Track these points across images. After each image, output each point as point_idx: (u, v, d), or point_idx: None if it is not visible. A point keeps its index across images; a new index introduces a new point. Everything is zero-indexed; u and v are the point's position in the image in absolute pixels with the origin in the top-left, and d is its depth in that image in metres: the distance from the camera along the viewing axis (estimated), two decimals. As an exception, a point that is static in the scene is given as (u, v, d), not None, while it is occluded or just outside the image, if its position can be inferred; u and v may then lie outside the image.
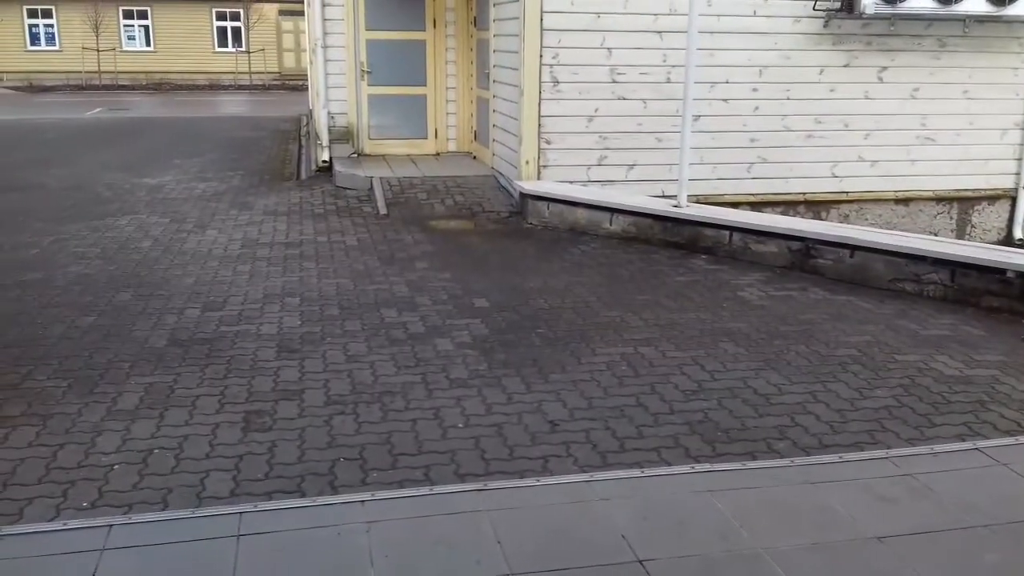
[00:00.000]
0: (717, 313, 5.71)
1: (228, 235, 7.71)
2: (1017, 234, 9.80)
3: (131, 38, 32.01)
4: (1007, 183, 9.67)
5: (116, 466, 3.49)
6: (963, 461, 3.64)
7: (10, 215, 8.42)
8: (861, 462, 3.61)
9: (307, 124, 14.64)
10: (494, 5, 9.43)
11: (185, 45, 31.76)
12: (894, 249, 6.34)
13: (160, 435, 3.78)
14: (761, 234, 7.03)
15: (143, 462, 3.53)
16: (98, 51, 29.48)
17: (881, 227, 8.98)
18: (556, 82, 8.37)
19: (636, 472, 3.50)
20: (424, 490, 3.32)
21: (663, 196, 8.25)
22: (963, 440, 3.88)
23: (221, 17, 32.56)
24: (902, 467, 3.54)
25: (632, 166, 8.68)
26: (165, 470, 3.47)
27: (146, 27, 32.07)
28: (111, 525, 3.00)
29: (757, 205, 8.89)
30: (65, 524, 3.03)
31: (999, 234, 9.82)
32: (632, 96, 8.49)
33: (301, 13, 24.50)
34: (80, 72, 29.66)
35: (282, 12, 32.52)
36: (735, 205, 8.59)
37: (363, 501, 3.19)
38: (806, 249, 6.77)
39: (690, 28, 7.14)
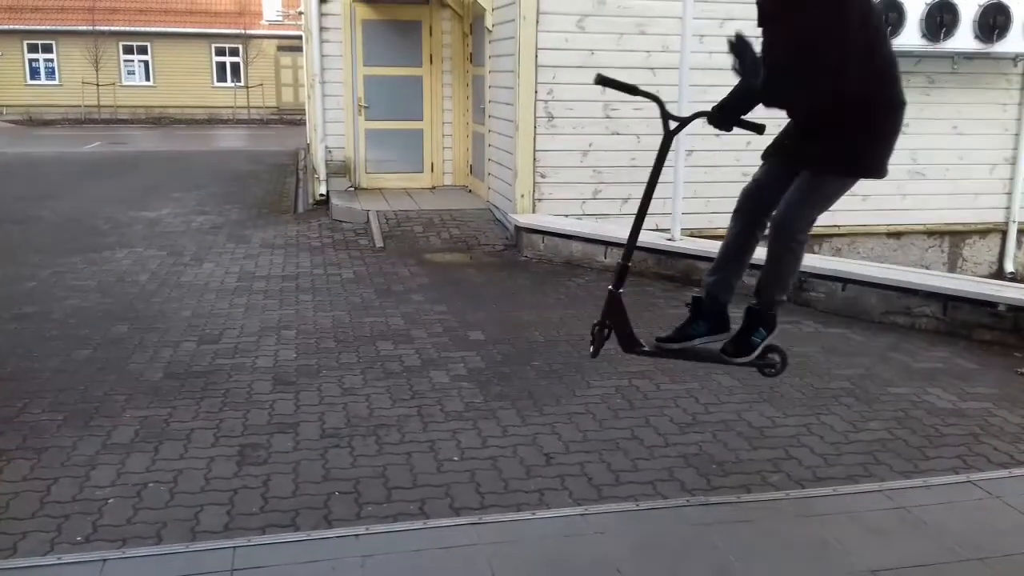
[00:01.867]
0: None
1: (225, 268, 7.74)
2: (1008, 267, 9.87)
3: (131, 73, 32.28)
4: (997, 217, 9.77)
5: (110, 500, 3.49)
6: (957, 494, 3.64)
7: (8, 248, 8.45)
8: (855, 495, 3.62)
9: (305, 158, 14.74)
10: (490, 42, 9.57)
11: (184, 80, 32.02)
12: (886, 282, 6.39)
13: (155, 469, 3.77)
14: (754, 267, 7.06)
15: (137, 496, 3.52)
16: (98, 85, 29.74)
17: (873, 261, 9.04)
18: (551, 117, 8.47)
19: (631, 505, 3.51)
20: (419, 524, 3.32)
21: (657, 230, 8.30)
22: (957, 473, 3.89)
23: (220, 52, 32.87)
24: (896, 500, 3.54)
25: (626, 200, 8.75)
26: (159, 504, 3.47)
27: (146, 62, 32.36)
28: (105, 560, 2.99)
29: (751, 238, 8.94)
30: (59, 559, 3.02)
31: (990, 267, 9.90)
32: (626, 131, 8.59)
33: (300, 49, 24.78)
34: (80, 106, 29.89)
35: (281, 48, 32.85)
36: (729, 238, 8.64)
37: (358, 535, 3.18)
38: (798, 282, 6.80)
39: (682, 65, 7.26)
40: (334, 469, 3.81)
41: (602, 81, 3.50)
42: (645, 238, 7.77)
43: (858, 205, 9.32)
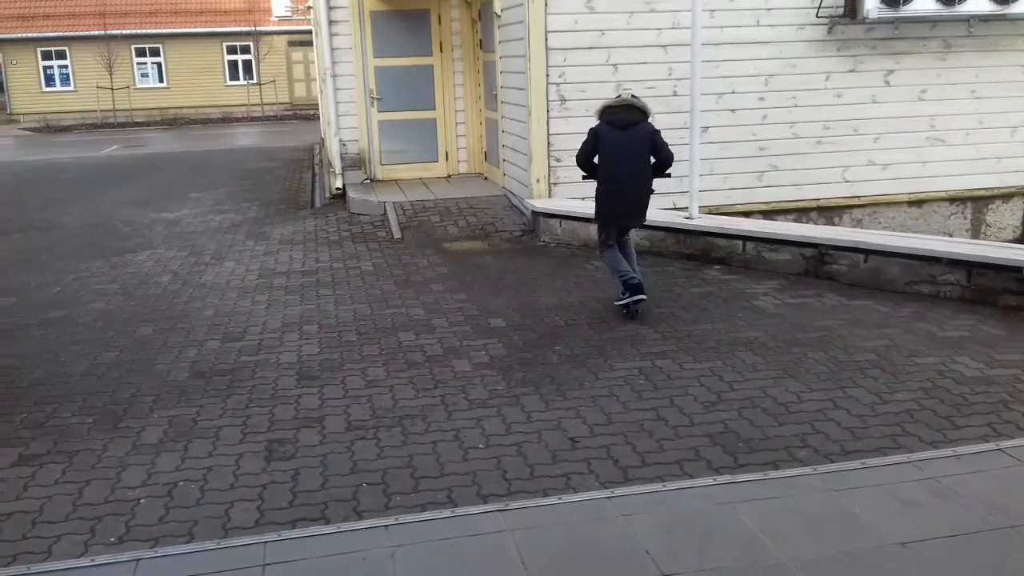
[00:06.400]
0: (733, 323, 5.71)
1: (245, 266, 7.79)
2: (1033, 231, 9.73)
3: (144, 75, 32.45)
4: (1020, 180, 9.61)
5: (142, 500, 3.54)
6: (986, 462, 3.61)
7: (32, 254, 8.55)
8: (884, 467, 3.60)
9: (320, 152, 14.78)
10: (499, 27, 9.52)
11: (197, 80, 32.15)
12: (908, 252, 6.32)
13: (184, 467, 3.82)
14: (774, 242, 7.02)
15: (168, 495, 3.57)
16: (112, 89, 29.91)
17: (895, 230, 8.94)
18: (563, 100, 8.43)
19: (658, 486, 3.51)
20: (447, 512, 3.34)
21: (674, 208, 8.26)
22: (986, 441, 3.85)
23: (232, 51, 32.96)
24: (925, 471, 3.52)
25: (642, 180, 8.68)
26: (190, 502, 3.51)
27: (159, 64, 32.51)
28: (138, 559, 3.03)
29: (769, 213, 8.88)
30: (93, 560, 3.07)
31: (1014, 232, 9.75)
32: (640, 111, 8.51)
33: (310, 43, 24.77)
34: (95, 111, 30.09)
35: (291, 43, 32.86)
36: (747, 214, 8.59)
37: (387, 526, 3.21)
38: (820, 255, 6.75)
39: (694, 41, 7.18)
40: (361, 461, 3.84)
41: None
42: (663, 217, 7.78)
43: (878, 175, 9.24)
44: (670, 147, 5.93)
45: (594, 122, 6.05)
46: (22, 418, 4.41)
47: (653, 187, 5.96)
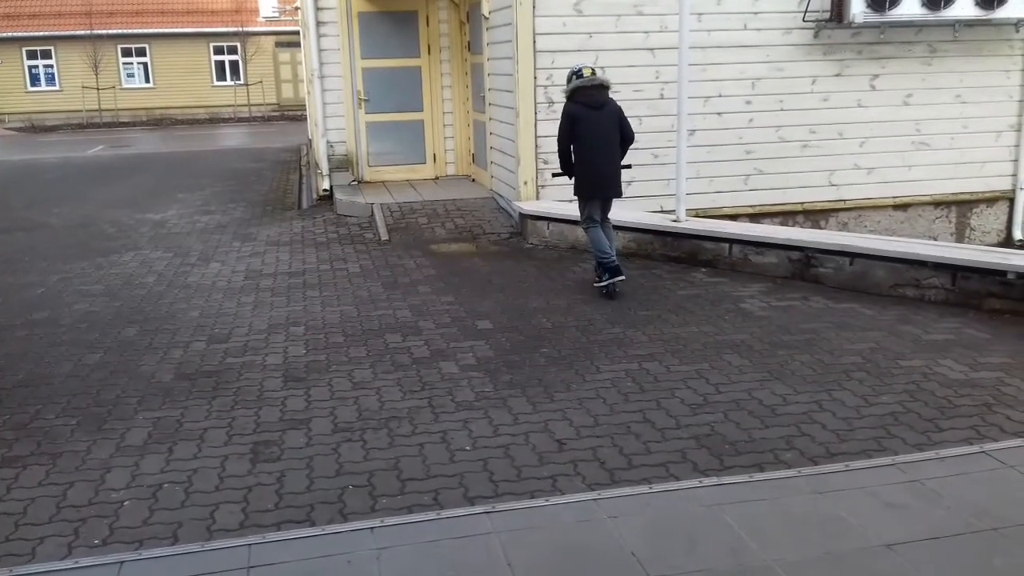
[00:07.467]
0: (719, 326, 5.73)
1: (232, 267, 7.76)
2: (1017, 235, 9.81)
3: (130, 75, 32.26)
4: (1004, 185, 9.70)
5: (126, 502, 3.51)
6: (970, 465, 3.64)
7: (16, 255, 8.48)
8: (869, 470, 3.61)
9: (307, 154, 14.75)
10: (487, 29, 9.52)
11: (184, 80, 31.99)
12: (894, 255, 6.36)
13: (169, 469, 3.79)
14: (760, 245, 7.05)
15: (153, 497, 3.55)
16: (98, 89, 29.74)
17: (880, 234, 9.00)
18: (551, 102, 8.43)
19: (644, 488, 3.51)
20: (433, 514, 3.33)
21: (662, 211, 8.29)
22: (970, 444, 3.88)
23: (219, 51, 32.81)
24: (910, 473, 3.54)
25: (630, 182, 8.63)
26: (175, 504, 3.49)
27: (145, 64, 32.33)
28: (122, 562, 3.01)
29: (756, 216, 8.92)
30: (77, 562, 3.04)
31: (998, 236, 9.84)
32: (627, 113, 8.50)
33: (298, 44, 24.72)
34: (81, 111, 29.91)
35: (279, 44, 32.76)
36: (734, 217, 8.62)
37: (373, 528, 3.20)
38: (806, 259, 6.79)
39: (681, 44, 7.20)
40: (347, 463, 3.82)
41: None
42: (650, 220, 7.80)
43: (863, 178, 9.30)
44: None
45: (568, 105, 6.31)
46: (5, 419, 4.37)
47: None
